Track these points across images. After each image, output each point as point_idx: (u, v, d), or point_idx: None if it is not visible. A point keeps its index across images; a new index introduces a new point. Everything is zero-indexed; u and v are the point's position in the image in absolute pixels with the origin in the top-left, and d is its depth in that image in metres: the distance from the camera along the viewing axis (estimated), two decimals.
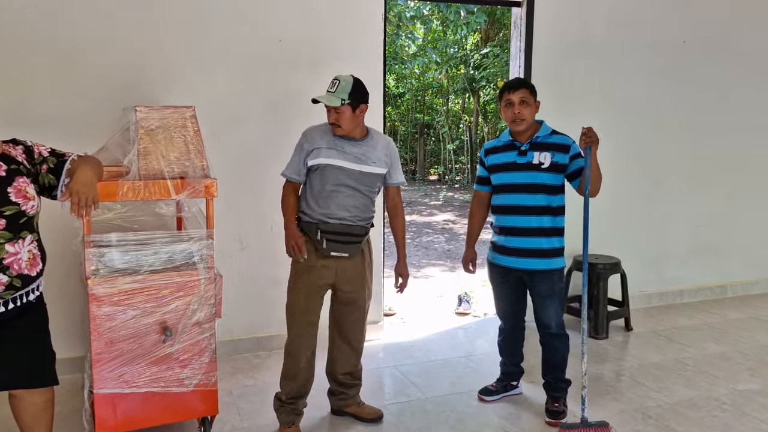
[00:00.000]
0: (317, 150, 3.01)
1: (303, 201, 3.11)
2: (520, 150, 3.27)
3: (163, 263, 2.88)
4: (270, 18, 4.01)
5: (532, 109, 3.23)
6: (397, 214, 3.27)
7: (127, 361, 2.85)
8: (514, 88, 3.22)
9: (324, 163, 2.99)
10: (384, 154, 3.10)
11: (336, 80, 2.98)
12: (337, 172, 3.00)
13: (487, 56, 12.91)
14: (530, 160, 3.24)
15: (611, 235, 5.03)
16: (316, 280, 3.07)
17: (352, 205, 3.03)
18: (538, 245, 3.26)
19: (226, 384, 3.74)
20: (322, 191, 3.01)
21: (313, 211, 3.04)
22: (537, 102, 3.27)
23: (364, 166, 3.03)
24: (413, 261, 7.45)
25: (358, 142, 3.05)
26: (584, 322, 3.26)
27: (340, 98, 2.94)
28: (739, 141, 5.48)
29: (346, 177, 3.00)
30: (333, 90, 2.96)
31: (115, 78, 3.71)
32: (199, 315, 2.95)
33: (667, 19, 5.08)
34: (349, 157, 3.01)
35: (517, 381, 3.68)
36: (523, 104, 3.20)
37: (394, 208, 3.27)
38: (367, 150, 3.05)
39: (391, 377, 3.94)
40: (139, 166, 2.75)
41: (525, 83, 3.28)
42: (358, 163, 3.02)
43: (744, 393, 3.70)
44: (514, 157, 3.28)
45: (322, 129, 3.09)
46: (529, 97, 3.21)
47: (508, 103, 3.24)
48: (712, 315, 5.13)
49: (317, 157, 3.01)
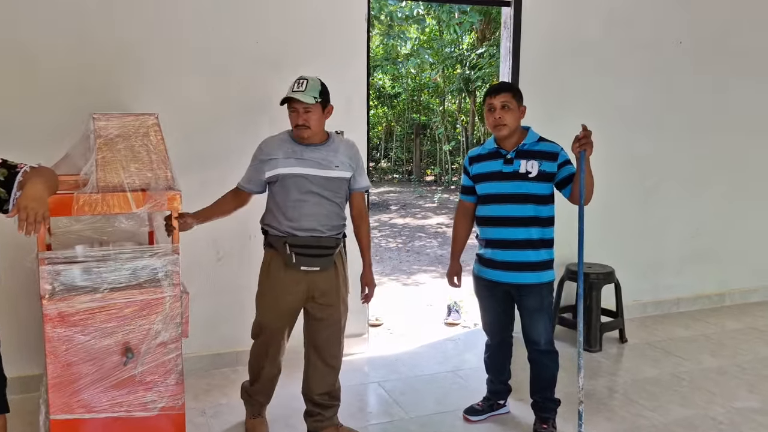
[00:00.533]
0: (274, 160, 2.87)
1: (268, 214, 2.96)
2: (506, 158, 3.10)
3: (125, 280, 2.71)
4: (248, 19, 3.84)
5: (516, 114, 3.06)
6: (361, 222, 3.12)
7: (86, 385, 2.68)
8: (495, 92, 3.06)
9: (284, 172, 2.86)
10: (347, 157, 2.96)
11: (303, 79, 2.84)
12: (299, 180, 2.86)
13: (483, 56, 12.74)
14: (517, 168, 3.07)
15: (605, 243, 4.86)
16: (284, 296, 2.94)
17: (320, 213, 2.89)
18: (526, 258, 3.10)
19: (199, 403, 3.58)
20: (286, 203, 2.87)
21: (280, 224, 2.89)
22: (522, 107, 3.10)
23: (328, 171, 2.89)
24: (404, 267, 7.29)
25: (318, 147, 2.92)
26: (580, 335, 3.10)
27: (312, 96, 2.81)
28: (738, 144, 5.31)
29: (309, 184, 2.86)
30: (303, 89, 2.81)
31: (80, 82, 3.53)
32: (164, 335, 2.78)
33: (662, 19, 4.91)
34: (309, 164, 2.87)
35: (504, 399, 3.51)
36: (504, 109, 3.04)
37: (358, 215, 3.12)
38: (328, 154, 2.91)
39: (375, 395, 3.77)
40: (98, 178, 2.58)
41: (508, 87, 3.11)
42: (320, 168, 2.88)
43: (742, 411, 3.53)
44: (500, 165, 3.11)
45: (279, 138, 2.96)
46: (511, 102, 3.05)
47: (490, 108, 3.08)
48: (710, 325, 4.96)
49: (275, 168, 2.87)
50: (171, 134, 3.57)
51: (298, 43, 3.95)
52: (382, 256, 7.89)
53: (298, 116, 2.83)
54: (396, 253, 8.14)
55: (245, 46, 3.85)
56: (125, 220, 2.75)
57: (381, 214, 11.33)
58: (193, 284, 3.76)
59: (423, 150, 18.43)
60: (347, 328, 4.24)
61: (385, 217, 11.01)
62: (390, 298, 5.89)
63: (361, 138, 4.15)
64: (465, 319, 5.07)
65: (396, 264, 7.46)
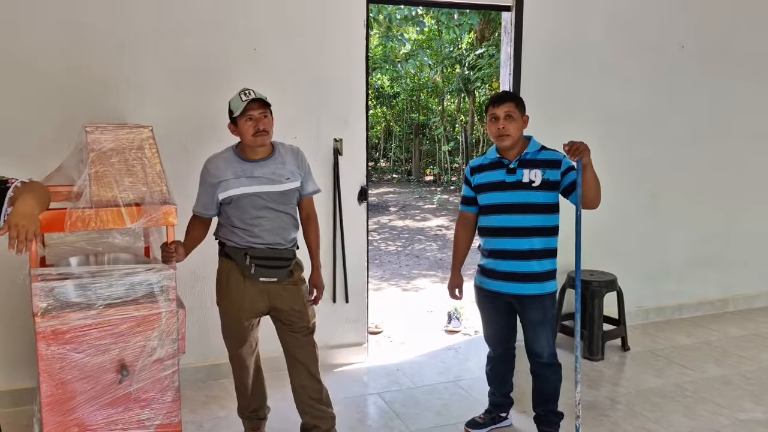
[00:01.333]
0: (224, 182, 2.83)
1: (225, 229, 2.94)
2: (509, 168, 3.05)
3: (121, 296, 2.65)
4: (246, 25, 3.78)
5: (519, 124, 3.01)
6: (310, 225, 3.12)
7: (81, 403, 2.61)
8: (499, 102, 3.01)
9: (237, 194, 2.82)
10: (296, 166, 2.95)
11: (247, 89, 2.81)
12: (253, 199, 2.83)
13: (482, 56, 12.67)
14: (520, 178, 3.02)
15: (607, 249, 4.81)
16: (239, 304, 2.94)
17: (278, 227, 2.89)
18: (530, 269, 3.05)
19: (197, 416, 3.53)
20: (243, 221, 2.85)
21: (240, 238, 2.87)
22: (525, 117, 3.05)
23: (279, 186, 2.87)
24: (403, 272, 7.23)
25: (266, 162, 2.88)
26: (577, 350, 3.08)
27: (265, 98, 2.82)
28: (741, 149, 5.26)
29: (264, 201, 2.84)
30: (253, 95, 2.78)
31: (78, 91, 3.48)
32: (161, 351, 2.72)
33: (665, 23, 4.85)
34: (261, 181, 2.84)
35: (506, 412, 3.46)
36: (508, 119, 2.98)
37: (307, 219, 3.11)
38: (276, 168, 2.88)
39: (375, 406, 3.72)
40: (91, 192, 2.52)
41: (511, 97, 3.05)
42: (271, 184, 2.85)
43: (747, 423, 3.48)
44: (503, 175, 3.06)
45: (224, 158, 2.90)
46: (515, 111, 2.99)
47: (493, 118, 3.03)
48: (713, 332, 4.91)
49: (227, 190, 2.83)
50: (168, 145, 3.55)
51: (296, 49, 3.89)
52: (381, 260, 7.83)
53: (257, 122, 2.78)
54: (396, 256, 8.08)
55: (244, 54, 3.79)
56: (119, 235, 2.69)
57: (380, 215, 11.26)
58: (189, 293, 3.73)
59: (422, 150, 18.35)
60: (346, 339, 4.25)
61: (384, 219, 10.95)
62: (390, 304, 5.84)
63: (360, 141, 4.11)
64: (465, 327, 5.02)
65: (396, 268, 7.41)
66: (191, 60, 3.70)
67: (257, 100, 2.77)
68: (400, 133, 18.52)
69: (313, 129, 3.99)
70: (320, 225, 3.15)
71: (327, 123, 4.03)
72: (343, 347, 4.26)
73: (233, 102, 2.82)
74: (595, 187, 2.92)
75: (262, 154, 2.88)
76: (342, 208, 4.11)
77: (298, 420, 3.13)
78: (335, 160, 4.06)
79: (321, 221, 3.87)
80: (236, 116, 2.78)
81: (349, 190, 4.14)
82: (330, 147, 4.05)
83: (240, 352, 3.07)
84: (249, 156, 2.88)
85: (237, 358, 3.09)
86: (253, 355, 3.14)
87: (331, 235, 4.12)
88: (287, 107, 3.88)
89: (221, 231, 2.97)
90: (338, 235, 4.13)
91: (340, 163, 4.07)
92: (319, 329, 4.14)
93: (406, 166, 18.49)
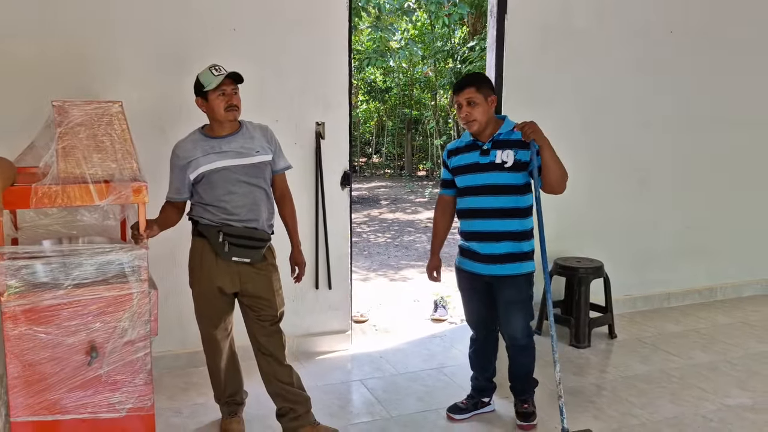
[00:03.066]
0: (194, 161, 2.83)
1: (199, 208, 2.90)
2: (483, 149, 3.03)
3: (90, 276, 2.58)
4: (224, 6, 3.71)
5: (484, 107, 2.98)
6: (285, 202, 3.09)
7: (49, 385, 2.55)
8: (459, 90, 3.01)
9: (208, 169, 2.81)
10: (265, 140, 2.94)
11: (217, 65, 2.81)
12: (224, 173, 2.82)
13: (474, 50, 12.60)
14: (493, 159, 3.00)
15: (594, 236, 4.77)
16: (213, 284, 2.90)
17: (252, 203, 2.86)
18: (506, 249, 3.04)
19: (175, 402, 3.46)
20: (217, 198, 2.82)
21: (213, 216, 2.84)
22: (491, 97, 3.01)
23: (249, 159, 2.86)
24: (392, 262, 7.18)
25: (234, 137, 2.88)
26: (552, 329, 3.08)
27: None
28: (730, 138, 5.21)
29: (235, 175, 2.83)
30: (225, 71, 2.77)
31: (50, 68, 3.39)
32: (132, 333, 2.65)
33: (654, 8, 4.80)
34: (230, 155, 2.83)
35: (489, 397, 3.41)
36: (471, 105, 2.97)
37: (281, 196, 3.08)
38: (245, 142, 2.88)
39: (357, 393, 3.66)
40: (58, 169, 2.45)
41: (470, 82, 3.02)
42: (241, 157, 2.84)
43: (733, 408, 3.44)
44: (477, 157, 3.04)
45: (191, 139, 2.90)
46: (476, 96, 2.96)
47: (457, 106, 3.03)
48: (701, 320, 4.87)
49: (197, 168, 2.82)
50: (145, 126, 3.48)
51: (277, 31, 3.83)
52: (370, 251, 7.77)
53: (229, 98, 2.79)
54: (384, 248, 8.02)
55: (222, 34, 3.72)
56: (87, 213, 2.62)
57: (371, 209, 11.21)
58: (167, 278, 3.65)
59: (415, 145, 18.30)
60: (329, 326, 4.20)
61: (375, 212, 10.89)
62: (377, 294, 5.78)
63: (342, 125, 4.04)
64: (452, 315, 4.97)
65: (384, 259, 7.35)
66: (168, 40, 3.62)
67: (232, 75, 2.76)
68: (392, 128, 18.46)
69: (294, 112, 3.93)
70: (302, 210, 3.10)
71: (309, 106, 3.96)
72: (326, 335, 4.20)
73: (204, 76, 2.80)
74: (555, 170, 2.89)
75: (229, 129, 2.88)
76: (325, 192, 4.05)
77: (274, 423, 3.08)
78: (317, 143, 3.99)
79: (303, 206, 3.84)
80: (207, 90, 2.76)
81: (331, 175, 4.07)
82: (312, 131, 3.98)
83: (214, 333, 3.01)
84: (216, 132, 2.88)
85: (210, 339, 3.03)
86: (228, 338, 3.09)
87: (313, 221, 4.06)
88: (268, 89, 3.82)
89: (194, 210, 2.94)
90: (320, 220, 4.07)
91: (323, 147, 4.01)
92: (302, 316, 4.11)
93: (398, 162, 18.42)
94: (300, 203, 3.41)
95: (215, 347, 3.05)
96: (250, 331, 3.02)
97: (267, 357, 3.00)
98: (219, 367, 3.09)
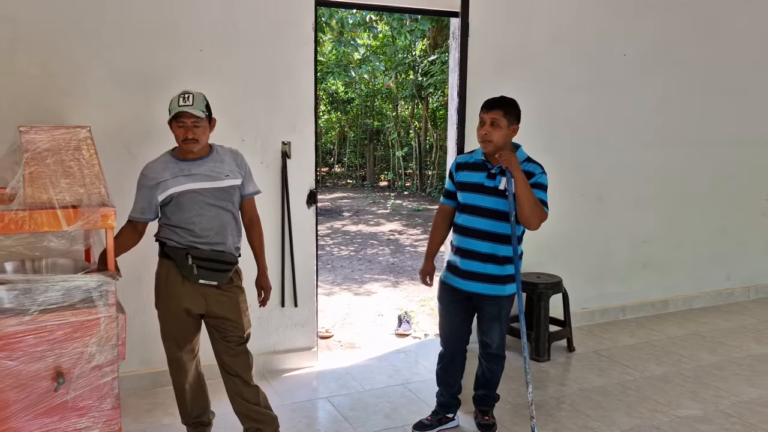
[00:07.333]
0: (163, 183, 2.84)
1: (166, 230, 2.91)
2: (490, 172, 3.12)
3: (57, 301, 2.56)
4: (190, 26, 3.72)
5: (504, 132, 3.07)
6: (253, 226, 3.13)
7: (14, 412, 2.53)
8: (487, 108, 3.09)
9: (177, 191, 2.83)
10: (235, 165, 2.98)
11: (188, 94, 2.81)
12: (193, 196, 2.84)
13: (435, 63, 12.78)
14: (497, 185, 3.09)
15: (553, 252, 4.91)
16: (180, 305, 2.91)
17: (220, 225, 2.89)
18: (488, 271, 3.14)
19: (141, 424, 3.45)
20: (186, 220, 2.84)
21: (181, 238, 2.86)
22: (513, 126, 3.10)
23: (218, 182, 2.89)
24: (356, 276, 7.22)
25: (204, 160, 2.90)
26: (525, 350, 3.18)
27: (200, 110, 2.80)
28: (682, 155, 5.44)
29: (204, 198, 2.85)
30: (190, 103, 2.78)
31: (16, 88, 3.36)
32: (100, 357, 2.65)
33: (607, 32, 4.99)
34: (200, 178, 2.86)
35: (453, 413, 3.49)
36: (493, 125, 3.06)
37: (250, 221, 3.12)
38: (215, 165, 2.91)
39: (323, 411, 3.70)
40: (25, 194, 2.44)
41: (500, 104, 3.09)
42: (210, 180, 2.88)
43: (685, 420, 3.59)
44: (483, 178, 3.13)
45: (161, 161, 2.92)
46: (501, 120, 3.05)
47: (480, 122, 3.10)
48: (654, 332, 5.06)
49: (166, 190, 2.84)
50: (111, 149, 3.47)
51: (243, 51, 3.86)
52: (333, 265, 7.80)
53: (186, 131, 2.80)
54: (348, 261, 8.06)
55: (189, 55, 3.73)
56: (55, 239, 2.61)
57: (333, 220, 11.22)
58: (132, 299, 3.63)
59: (376, 155, 18.37)
60: (295, 343, 4.22)
61: (337, 224, 10.91)
62: (341, 309, 5.82)
63: (308, 144, 4.09)
64: (415, 330, 5.04)
65: (348, 273, 7.39)
66: (134, 61, 3.61)
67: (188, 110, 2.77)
68: (354, 138, 18.50)
69: (261, 131, 3.96)
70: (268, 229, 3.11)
71: (275, 126, 4.00)
72: (292, 352, 4.22)
73: (171, 103, 2.83)
74: (526, 204, 2.97)
75: (198, 153, 2.90)
76: (291, 211, 4.08)
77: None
78: (284, 163, 4.03)
79: (269, 225, 3.86)
80: (170, 118, 2.81)
81: (297, 194, 4.11)
82: (278, 150, 4.02)
83: (180, 355, 3.01)
84: (186, 155, 2.89)
85: (175, 360, 3.03)
86: (194, 360, 3.09)
87: (279, 239, 4.08)
88: (234, 109, 3.84)
89: (162, 231, 2.94)
90: (287, 238, 4.10)
91: (289, 167, 4.05)
92: (268, 334, 4.13)
93: (360, 172, 18.47)
94: (266, 222, 3.44)
95: (181, 368, 3.05)
96: (216, 352, 3.03)
97: (233, 377, 3.02)
98: (184, 388, 3.09)
